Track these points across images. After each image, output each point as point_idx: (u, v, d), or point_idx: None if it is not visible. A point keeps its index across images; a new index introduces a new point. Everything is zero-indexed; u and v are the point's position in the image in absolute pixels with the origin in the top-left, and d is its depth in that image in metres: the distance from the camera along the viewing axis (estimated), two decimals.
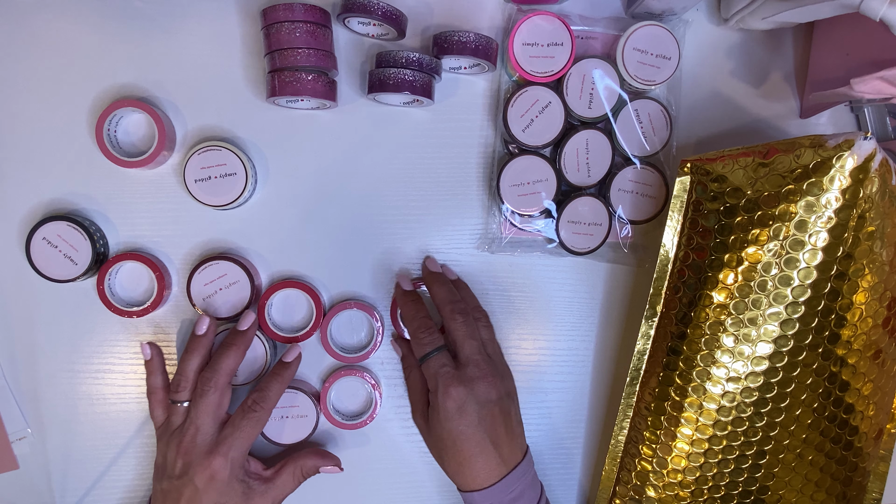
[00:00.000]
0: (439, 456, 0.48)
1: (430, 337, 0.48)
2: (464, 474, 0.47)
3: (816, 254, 0.44)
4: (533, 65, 0.50)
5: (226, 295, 0.51)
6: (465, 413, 0.46)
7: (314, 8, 0.47)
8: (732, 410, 0.48)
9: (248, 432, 0.47)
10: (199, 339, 0.49)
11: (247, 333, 0.49)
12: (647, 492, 0.52)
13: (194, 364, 0.48)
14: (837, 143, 0.43)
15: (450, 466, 0.48)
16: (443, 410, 0.46)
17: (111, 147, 0.49)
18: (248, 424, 0.47)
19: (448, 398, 0.46)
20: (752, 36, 0.55)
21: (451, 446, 0.47)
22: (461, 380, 0.46)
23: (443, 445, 0.47)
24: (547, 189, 0.51)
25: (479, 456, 0.46)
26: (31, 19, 0.50)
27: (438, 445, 0.48)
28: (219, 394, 0.47)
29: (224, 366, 0.48)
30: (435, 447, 0.49)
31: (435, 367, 0.47)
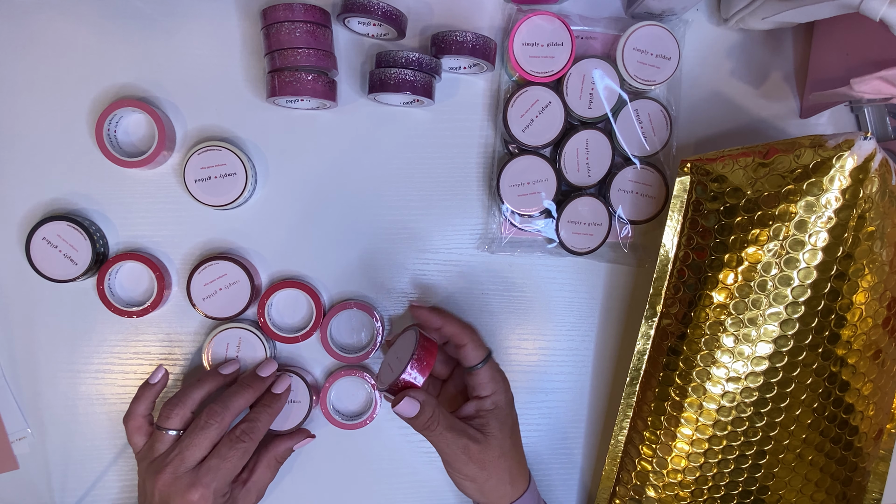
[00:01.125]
0: (481, 472, 0.47)
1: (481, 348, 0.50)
2: (502, 491, 0.48)
3: (816, 254, 0.44)
4: (533, 65, 0.50)
5: (226, 295, 0.51)
6: (516, 427, 0.50)
7: (314, 8, 0.47)
8: (732, 410, 0.48)
9: (233, 463, 0.45)
10: (221, 377, 0.50)
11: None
12: (647, 492, 0.52)
13: (200, 396, 0.48)
14: (837, 143, 0.43)
15: (492, 483, 0.47)
16: (509, 416, 0.49)
17: (111, 147, 0.49)
18: (235, 455, 0.46)
19: (510, 399, 0.49)
20: (752, 36, 0.55)
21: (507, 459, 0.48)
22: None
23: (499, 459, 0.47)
24: (547, 189, 0.51)
25: (517, 468, 0.49)
26: (31, 19, 0.50)
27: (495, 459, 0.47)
28: (219, 432, 0.46)
29: (235, 406, 0.47)
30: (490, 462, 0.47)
31: (494, 370, 0.49)
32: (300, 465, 0.55)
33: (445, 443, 0.45)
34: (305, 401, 0.52)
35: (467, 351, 0.48)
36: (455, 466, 0.46)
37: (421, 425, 0.45)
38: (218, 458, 0.45)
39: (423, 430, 0.45)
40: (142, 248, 0.53)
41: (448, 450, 0.46)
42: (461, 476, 0.47)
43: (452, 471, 0.47)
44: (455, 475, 0.47)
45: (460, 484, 0.48)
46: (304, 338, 0.52)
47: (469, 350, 0.48)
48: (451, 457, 0.46)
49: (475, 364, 0.48)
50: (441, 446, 0.46)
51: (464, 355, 0.49)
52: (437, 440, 0.46)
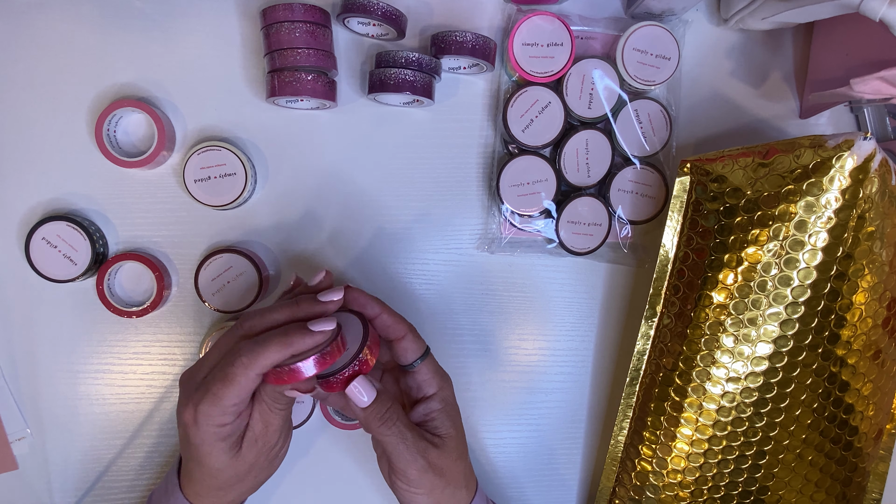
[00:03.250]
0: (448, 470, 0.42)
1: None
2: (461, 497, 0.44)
3: (816, 254, 0.44)
4: (533, 65, 0.50)
5: (234, 287, 0.51)
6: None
7: (314, 8, 0.47)
8: (732, 411, 0.48)
9: (225, 387, 0.37)
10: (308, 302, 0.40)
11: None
12: (647, 492, 0.52)
13: (277, 318, 0.40)
14: (837, 143, 0.43)
15: (449, 492, 0.43)
16: (456, 411, 0.44)
17: (111, 147, 0.49)
18: (228, 377, 0.37)
19: (453, 391, 0.44)
20: (752, 36, 0.55)
21: (462, 460, 0.43)
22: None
23: (458, 463, 0.43)
24: (547, 189, 0.51)
25: (469, 468, 0.45)
26: (31, 19, 0.50)
27: (457, 461, 0.43)
28: (241, 337, 0.39)
29: (271, 317, 0.39)
30: (455, 461, 0.43)
31: (434, 363, 0.44)
32: (300, 466, 0.55)
33: (404, 445, 0.40)
34: (308, 400, 0.52)
35: (405, 344, 0.42)
36: (409, 477, 0.40)
37: (376, 418, 0.39)
38: (211, 376, 0.38)
39: (378, 424, 0.39)
40: (141, 248, 0.53)
41: (406, 454, 0.40)
42: (415, 489, 0.41)
43: (404, 484, 0.41)
44: (405, 489, 0.41)
45: (411, 499, 0.42)
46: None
47: (408, 343, 0.42)
48: (406, 464, 0.40)
49: (415, 359, 0.43)
50: (396, 450, 0.40)
51: (401, 350, 0.42)
52: (392, 441, 0.39)
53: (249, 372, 0.36)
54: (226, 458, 0.39)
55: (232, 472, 0.40)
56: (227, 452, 0.39)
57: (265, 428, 0.40)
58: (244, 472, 0.41)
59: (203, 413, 0.37)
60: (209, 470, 0.39)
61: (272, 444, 0.41)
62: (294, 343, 0.37)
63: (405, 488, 0.41)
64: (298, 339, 0.37)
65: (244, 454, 0.40)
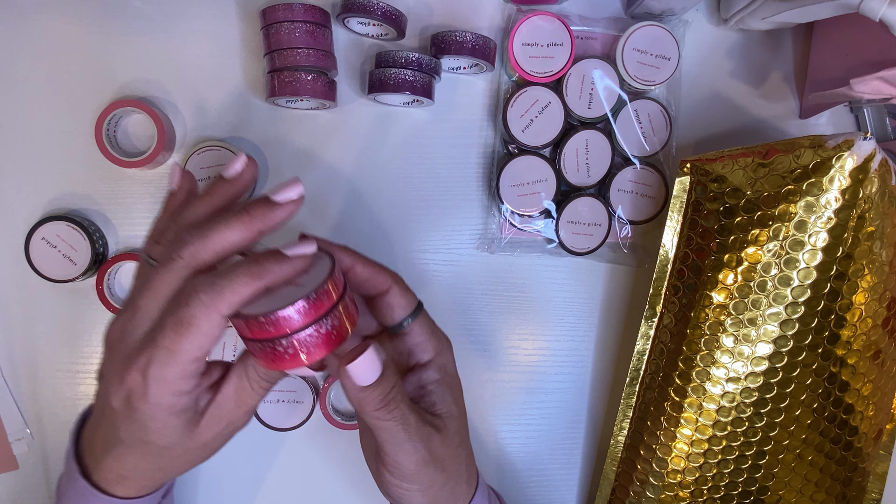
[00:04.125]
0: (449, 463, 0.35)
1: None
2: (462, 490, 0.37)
3: (816, 254, 0.44)
4: (532, 65, 0.50)
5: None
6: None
7: (314, 8, 0.47)
8: (732, 411, 0.48)
9: (175, 344, 0.28)
10: (224, 187, 0.33)
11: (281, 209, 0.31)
12: (647, 492, 0.52)
13: (196, 215, 0.33)
14: (837, 143, 0.43)
15: (449, 487, 0.36)
16: (458, 382, 0.36)
17: (111, 147, 0.49)
18: (186, 322, 0.28)
19: (453, 357, 0.36)
20: (752, 36, 0.55)
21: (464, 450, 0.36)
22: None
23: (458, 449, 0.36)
24: (546, 189, 0.51)
25: (471, 456, 0.38)
26: (31, 19, 0.50)
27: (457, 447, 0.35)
28: (183, 277, 0.29)
29: (217, 240, 0.30)
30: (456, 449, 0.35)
31: (430, 322, 0.36)
32: (299, 466, 0.55)
33: (405, 432, 0.31)
34: (308, 402, 0.52)
35: (391, 299, 0.34)
36: (403, 471, 0.33)
37: (377, 400, 0.30)
38: (158, 327, 0.29)
39: (376, 407, 0.31)
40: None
41: (406, 444, 0.32)
42: (408, 485, 0.33)
43: (396, 478, 0.33)
44: (397, 485, 0.34)
45: (402, 497, 0.34)
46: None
47: (394, 297, 0.34)
48: (404, 455, 0.32)
49: (406, 317, 0.34)
50: (394, 438, 0.31)
51: (386, 307, 0.34)
52: (390, 428, 0.31)
53: (212, 313, 0.27)
54: (178, 436, 0.31)
55: (180, 451, 0.32)
56: (182, 429, 0.31)
57: (237, 408, 0.32)
58: (193, 451, 0.33)
59: (155, 378, 0.28)
60: (153, 450, 0.31)
61: (237, 426, 0.33)
62: (266, 272, 0.28)
63: (396, 483, 0.34)
64: (272, 267, 0.28)
65: (201, 432, 0.32)
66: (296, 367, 0.29)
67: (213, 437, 0.32)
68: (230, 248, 0.30)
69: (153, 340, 0.28)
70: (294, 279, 0.30)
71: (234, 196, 0.34)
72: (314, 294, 0.28)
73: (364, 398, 0.30)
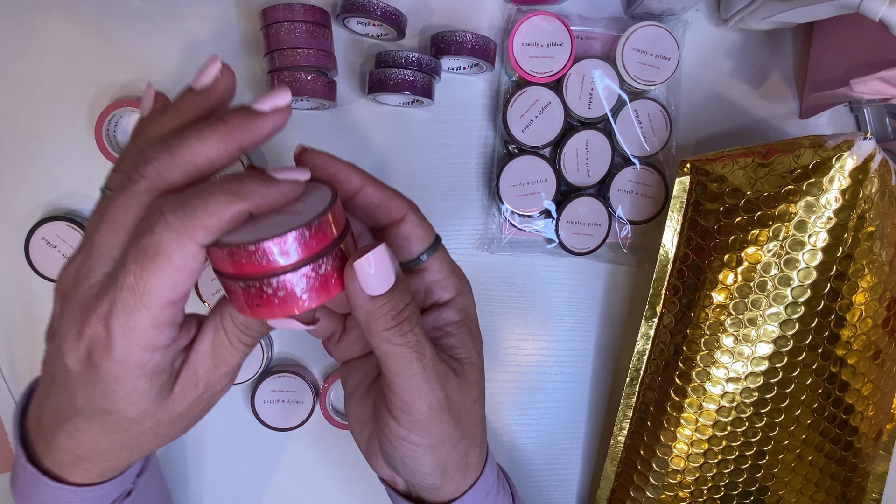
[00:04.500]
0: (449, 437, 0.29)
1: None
2: (469, 469, 0.32)
3: (816, 254, 0.44)
4: (532, 65, 0.50)
5: None
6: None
7: (314, 8, 0.47)
8: (732, 411, 0.48)
9: (142, 282, 0.22)
10: (194, 99, 0.27)
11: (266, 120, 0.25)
12: (647, 492, 0.52)
13: (161, 130, 0.26)
14: (837, 143, 0.43)
15: (461, 449, 0.30)
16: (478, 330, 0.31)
17: (111, 147, 0.49)
18: (144, 266, 0.22)
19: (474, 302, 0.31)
20: (752, 36, 0.55)
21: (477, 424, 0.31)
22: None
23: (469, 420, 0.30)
24: (546, 189, 0.51)
25: (484, 418, 0.33)
26: (31, 19, 0.50)
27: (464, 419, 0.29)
28: (145, 201, 0.24)
29: (186, 154, 0.24)
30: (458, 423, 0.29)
31: (449, 258, 0.31)
32: (298, 466, 0.55)
33: (420, 363, 0.26)
34: (308, 401, 0.52)
35: (407, 229, 0.29)
36: (414, 415, 0.27)
37: (388, 317, 0.25)
38: (120, 265, 0.23)
39: (388, 326, 0.25)
40: None
41: (420, 379, 0.26)
42: (418, 436, 0.28)
43: (403, 427, 0.27)
44: (403, 437, 0.28)
45: (407, 452, 0.28)
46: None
47: (410, 227, 0.29)
48: (417, 394, 0.26)
49: (423, 251, 0.29)
50: (406, 371, 0.26)
51: (402, 238, 0.29)
52: (402, 356, 0.26)
53: (184, 240, 0.22)
54: (148, 404, 0.25)
55: (151, 424, 0.27)
56: (153, 395, 0.25)
57: (215, 367, 0.27)
58: (167, 423, 0.27)
59: (120, 328, 0.23)
60: (118, 423, 0.26)
61: (217, 391, 0.28)
62: (250, 192, 0.23)
63: (403, 435, 0.28)
64: (257, 187, 0.23)
65: (175, 399, 0.26)
66: (286, 314, 0.23)
67: (189, 405, 0.27)
68: (203, 165, 0.24)
69: (115, 281, 0.23)
70: (284, 208, 0.24)
71: (206, 111, 0.27)
72: (315, 223, 0.23)
73: (374, 311, 0.25)
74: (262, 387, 0.51)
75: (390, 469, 0.32)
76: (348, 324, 0.32)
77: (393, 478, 0.33)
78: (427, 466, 0.29)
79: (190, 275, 0.23)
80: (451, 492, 0.31)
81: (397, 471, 0.31)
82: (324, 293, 0.24)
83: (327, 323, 0.31)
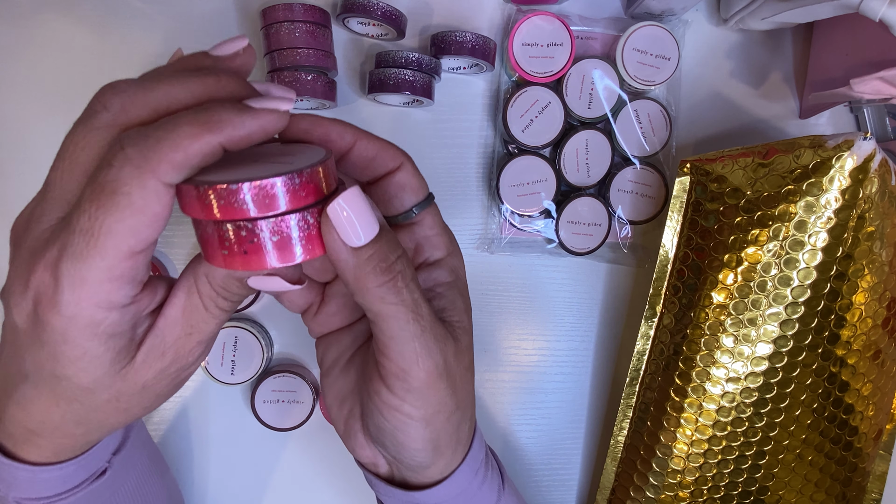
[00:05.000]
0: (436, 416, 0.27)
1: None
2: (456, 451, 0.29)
3: (816, 254, 0.44)
4: (532, 65, 0.50)
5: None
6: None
7: (314, 8, 0.47)
8: (732, 411, 0.48)
9: (98, 224, 0.20)
10: (201, 59, 0.24)
11: (247, 114, 0.21)
12: (647, 492, 0.52)
13: (176, 94, 0.22)
14: (837, 143, 0.43)
15: (455, 420, 0.28)
16: (468, 292, 0.29)
17: None
18: (100, 206, 0.20)
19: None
20: (752, 36, 0.55)
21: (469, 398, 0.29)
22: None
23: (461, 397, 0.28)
24: (546, 189, 0.51)
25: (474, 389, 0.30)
26: (31, 19, 0.50)
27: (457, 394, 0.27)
28: (106, 138, 0.21)
29: (157, 93, 0.21)
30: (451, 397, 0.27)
31: (440, 217, 0.29)
32: (298, 466, 0.55)
33: (417, 324, 0.24)
34: (308, 401, 0.52)
35: (402, 178, 0.27)
36: (410, 382, 0.25)
37: (378, 270, 0.23)
38: (75, 206, 0.21)
39: (380, 281, 0.23)
40: None
41: (417, 342, 0.24)
42: (412, 405, 0.25)
43: (396, 395, 0.25)
44: (395, 406, 0.25)
45: (398, 424, 0.26)
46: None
47: (405, 177, 0.28)
48: (414, 358, 0.24)
49: (415, 204, 0.28)
50: (402, 332, 0.24)
51: (396, 188, 0.27)
52: (398, 314, 0.23)
53: (146, 177, 0.19)
54: (103, 372, 0.22)
55: (108, 395, 0.23)
56: (109, 362, 0.22)
57: (187, 336, 0.24)
58: (128, 397, 0.24)
59: (69, 277, 0.20)
60: (69, 391, 0.23)
61: (188, 363, 0.25)
62: (222, 122, 0.20)
63: (396, 405, 0.25)
64: (230, 117, 0.20)
65: (138, 369, 0.23)
66: (273, 265, 0.21)
67: (155, 377, 0.24)
68: (171, 104, 0.21)
69: (67, 224, 0.20)
70: (268, 148, 0.22)
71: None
72: (307, 171, 0.21)
73: (360, 265, 0.22)
74: (262, 387, 0.51)
75: (372, 449, 0.29)
76: (327, 293, 0.30)
77: (374, 460, 0.30)
78: (419, 441, 0.26)
79: (153, 219, 0.20)
80: (439, 471, 0.29)
81: (385, 447, 0.28)
82: (316, 246, 0.22)
83: (305, 293, 0.29)
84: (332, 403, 0.30)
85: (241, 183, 0.20)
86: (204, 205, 0.20)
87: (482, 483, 0.32)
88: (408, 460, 0.28)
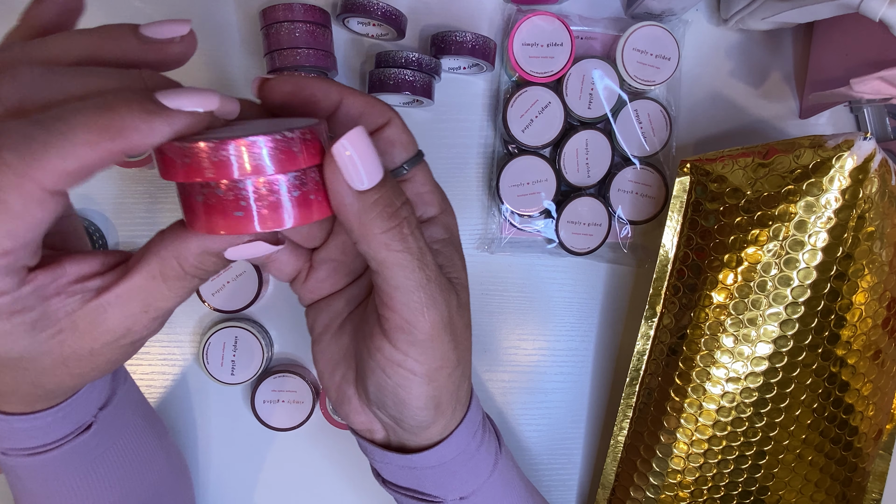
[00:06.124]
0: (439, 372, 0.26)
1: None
2: (455, 410, 0.29)
3: (816, 254, 0.44)
4: (532, 65, 0.50)
5: (234, 287, 0.51)
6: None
7: (314, 8, 0.47)
8: (732, 411, 0.48)
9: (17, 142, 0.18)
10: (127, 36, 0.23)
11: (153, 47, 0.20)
12: (647, 492, 0.52)
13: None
14: (837, 143, 0.43)
15: (455, 378, 0.27)
16: (462, 250, 0.29)
17: None
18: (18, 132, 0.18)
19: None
20: (752, 36, 0.55)
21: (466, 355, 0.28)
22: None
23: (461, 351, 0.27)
24: (546, 189, 0.51)
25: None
26: None
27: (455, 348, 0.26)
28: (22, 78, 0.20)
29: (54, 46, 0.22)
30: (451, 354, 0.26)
31: (431, 174, 0.29)
32: (298, 466, 0.55)
33: (423, 273, 0.23)
34: (308, 401, 0.52)
35: (392, 134, 0.26)
36: (415, 333, 0.24)
37: (383, 216, 0.22)
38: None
39: (384, 228, 0.22)
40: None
41: (422, 292, 0.23)
42: (415, 359, 0.25)
43: (399, 349, 0.25)
44: (398, 362, 0.25)
45: (401, 380, 0.25)
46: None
47: (395, 133, 0.26)
48: (419, 308, 0.23)
49: (405, 160, 0.27)
50: (407, 282, 0.23)
51: (386, 143, 0.26)
52: (404, 263, 0.23)
53: (27, 186, 0.18)
54: (25, 344, 0.22)
55: (51, 361, 0.23)
56: (26, 332, 0.21)
57: (143, 312, 0.23)
58: (76, 361, 0.23)
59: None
60: (6, 361, 0.22)
61: (142, 336, 0.24)
62: (127, 128, 0.18)
63: (399, 359, 0.25)
64: (138, 123, 0.18)
65: (82, 337, 0.23)
66: (264, 228, 0.20)
67: (104, 346, 0.23)
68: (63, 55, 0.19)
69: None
70: (255, 126, 0.20)
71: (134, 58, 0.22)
72: (298, 129, 0.20)
73: (365, 210, 0.21)
74: (262, 387, 0.51)
75: (367, 414, 0.29)
76: (315, 259, 0.29)
77: (370, 425, 0.29)
78: (421, 398, 0.26)
79: (35, 224, 0.19)
80: (438, 431, 0.28)
81: (385, 408, 0.27)
82: (306, 209, 0.21)
83: (293, 261, 0.29)
84: (323, 370, 0.29)
85: (233, 140, 0.18)
86: (194, 165, 0.19)
87: (480, 445, 0.31)
88: (409, 420, 0.27)
